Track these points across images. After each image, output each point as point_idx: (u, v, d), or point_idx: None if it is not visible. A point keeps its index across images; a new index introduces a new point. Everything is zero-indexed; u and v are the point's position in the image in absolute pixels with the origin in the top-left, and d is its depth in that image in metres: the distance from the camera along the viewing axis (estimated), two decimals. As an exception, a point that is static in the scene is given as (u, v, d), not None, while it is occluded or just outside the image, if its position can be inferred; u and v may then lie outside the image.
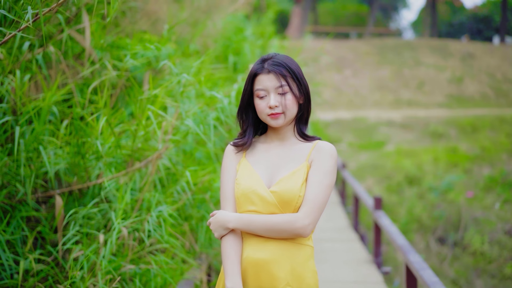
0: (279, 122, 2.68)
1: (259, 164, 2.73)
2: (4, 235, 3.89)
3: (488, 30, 43.23)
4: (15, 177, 4.12)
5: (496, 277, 13.63)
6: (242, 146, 2.77)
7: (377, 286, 6.58)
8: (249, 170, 2.71)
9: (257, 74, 2.71)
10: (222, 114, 4.63)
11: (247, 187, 2.67)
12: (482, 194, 15.98)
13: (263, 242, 2.63)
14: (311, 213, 2.60)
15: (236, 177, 2.74)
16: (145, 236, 4.01)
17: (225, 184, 2.75)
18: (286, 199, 2.61)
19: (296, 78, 2.67)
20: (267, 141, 2.79)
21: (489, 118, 21.08)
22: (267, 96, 2.67)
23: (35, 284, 3.93)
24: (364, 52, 29.73)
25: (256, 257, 2.62)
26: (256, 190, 2.65)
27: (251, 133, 2.79)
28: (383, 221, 6.87)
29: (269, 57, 2.71)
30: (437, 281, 4.39)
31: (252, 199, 2.65)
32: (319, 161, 2.67)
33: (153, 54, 4.94)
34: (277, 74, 2.65)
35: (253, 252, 2.63)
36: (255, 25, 10.38)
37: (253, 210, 2.65)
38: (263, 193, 2.64)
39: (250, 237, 2.65)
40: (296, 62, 2.75)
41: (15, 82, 4.10)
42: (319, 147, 2.71)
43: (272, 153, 2.75)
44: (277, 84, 2.65)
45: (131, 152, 4.38)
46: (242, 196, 2.67)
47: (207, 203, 4.82)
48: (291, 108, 2.67)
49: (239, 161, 2.78)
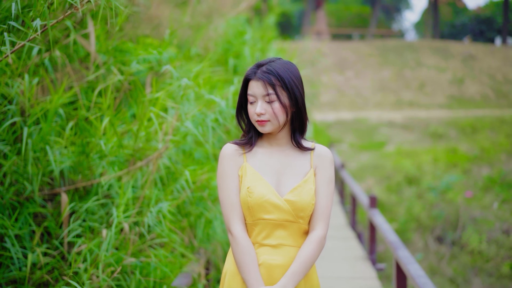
0: (265, 129, 2.68)
1: (264, 171, 2.72)
2: (13, 229, 4.12)
3: (490, 31, 43.24)
4: (23, 175, 4.35)
5: (493, 276, 13.82)
6: (245, 145, 2.77)
7: (371, 281, 6.82)
8: (257, 176, 2.69)
9: (249, 80, 2.71)
10: (220, 116, 4.87)
11: (260, 195, 2.65)
12: (481, 194, 16.15)
13: (277, 248, 2.67)
14: (326, 224, 2.71)
15: (243, 184, 2.70)
16: (145, 230, 4.24)
17: (228, 191, 2.72)
18: (301, 208, 2.65)
19: (286, 87, 2.65)
20: (265, 146, 2.78)
21: (489, 119, 21.23)
22: (255, 102, 2.68)
23: (42, 276, 4.16)
24: (366, 53, 29.89)
25: (272, 263, 2.65)
26: (270, 199, 2.65)
27: (255, 132, 2.79)
28: (377, 219, 7.10)
29: (264, 63, 2.71)
30: (422, 275, 4.61)
31: (267, 207, 2.65)
32: (323, 170, 2.74)
33: (156, 58, 5.17)
34: (264, 83, 2.65)
35: (269, 257, 2.66)
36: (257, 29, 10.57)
37: (268, 219, 2.66)
38: (278, 202, 2.65)
39: (264, 243, 2.67)
40: (295, 69, 2.74)
41: (23, 85, 4.33)
42: (319, 153, 2.77)
43: (274, 159, 2.74)
44: (264, 92, 2.65)
45: (133, 152, 4.61)
46: (256, 205, 2.65)
47: (205, 200, 5.05)
48: (278, 116, 2.65)
49: (240, 165, 2.75)
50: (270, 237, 2.68)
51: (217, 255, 5.47)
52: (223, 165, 2.75)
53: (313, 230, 2.70)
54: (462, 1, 49.59)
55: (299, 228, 2.69)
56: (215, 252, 5.44)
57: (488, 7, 46.46)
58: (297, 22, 44.64)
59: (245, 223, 2.72)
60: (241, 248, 2.65)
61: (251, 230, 2.71)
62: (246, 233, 2.70)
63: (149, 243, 4.42)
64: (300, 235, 2.70)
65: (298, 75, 2.73)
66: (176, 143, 4.82)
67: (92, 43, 5.14)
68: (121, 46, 5.50)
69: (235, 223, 2.69)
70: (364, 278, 6.98)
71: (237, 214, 2.70)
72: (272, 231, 2.68)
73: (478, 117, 21.61)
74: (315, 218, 2.70)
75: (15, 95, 4.38)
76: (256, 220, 2.68)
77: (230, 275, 2.73)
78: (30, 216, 4.41)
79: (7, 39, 3.32)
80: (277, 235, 2.68)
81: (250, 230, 2.71)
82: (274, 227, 2.67)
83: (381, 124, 21.09)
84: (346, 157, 18.02)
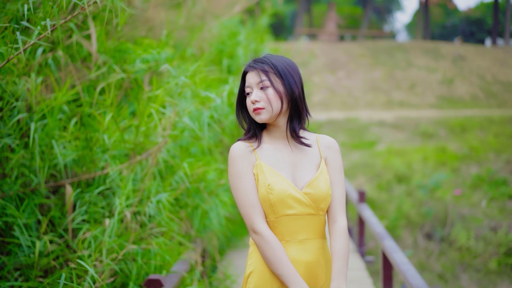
0: (262, 117, 2.69)
1: (278, 166, 2.72)
2: (22, 218, 4.38)
3: (480, 32, 43.59)
4: (29, 168, 4.60)
5: (481, 271, 14.10)
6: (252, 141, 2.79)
7: (360, 272, 7.12)
8: (275, 173, 2.69)
9: (245, 73, 2.77)
10: (216, 112, 5.15)
11: (282, 191, 2.66)
12: (469, 192, 16.39)
13: (304, 244, 2.69)
14: (344, 212, 2.77)
15: (261, 182, 2.69)
16: (146, 218, 4.52)
17: (246, 191, 2.70)
18: (320, 199, 2.68)
19: (280, 75, 2.68)
20: (271, 141, 2.78)
21: (478, 118, 21.48)
22: (251, 93, 2.72)
23: (49, 262, 4.42)
24: (357, 54, 30.16)
25: (302, 260, 2.67)
26: (292, 194, 2.66)
27: (257, 127, 2.81)
28: (365, 212, 7.40)
29: (261, 56, 2.78)
30: (406, 262, 4.90)
31: (289, 203, 2.66)
32: (333, 160, 2.78)
33: (154, 58, 5.44)
34: (257, 70, 2.69)
35: (297, 254, 2.67)
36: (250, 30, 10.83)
37: (291, 214, 2.67)
38: (299, 196, 2.67)
39: (292, 240, 2.68)
40: (292, 62, 2.77)
41: (30, 84, 4.60)
42: (326, 144, 2.82)
43: (284, 154, 2.75)
44: (257, 80, 2.68)
45: (133, 146, 4.89)
46: (278, 201, 2.65)
47: (201, 193, 5.33)
48: (272, 102, 2.67)
49: (253, 164, 2.73)
50: (294, 233, 2.68)
51: (212, 244, 5.75)
52: (236, 165, 2.72)
53: (335, 221, 2.74)
54: (453, 3, 49.90)
55: (319, 220, 2.72)
56: (210, 241, 5.72)
57: (479, 8, 46.76)
58: (290, 23, 44.90)
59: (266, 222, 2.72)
60: (271, 244, 2.64)
61: (273, 228, 2.70)
62: (268, 229, 2.69)
63: (149, 232, 4.69)
64: (321, 226, 2.73)
65: (294, 66, 2.76)
66: (174, 137, 5.09)
67: (94, 43, 5.41)
68: (120, 46, 5.75)
69: (259, 221, 2.67)
70: (353, 269, 7.27)
71: (259, 212, 2.68)
72: (295, 227, 2.68)
73: (467, 116, 21.86)
74: (334, 208, 2.74)
75: (22, 92, 4.64)
76: (280, 217, 2.68)
77: (258, 275, 2.71)
78: (36, 207, 4.66)
79: (20, 37, 3.58)
80: (300, 230, 2.68)
81: (272, 228, 2.70)
82: (296, 222, 2.68)
83: (372, 124, 21.35)
84: (338, 156, 18.20)
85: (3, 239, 4.32)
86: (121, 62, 5.63)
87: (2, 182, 4.40)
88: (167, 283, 4.07)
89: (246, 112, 2.83)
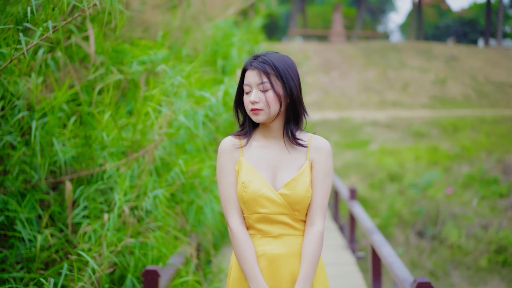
0: (259, 118, 2.69)
1: (259, 164, 2.73)
2: (23, 213, 4.55)
3: (473, 33, 43.80)
4: (30, 165, 4.76)
5: (471, 269, 14.29)
6: (242, 137, 2.80)
7: (351, 267, 7.31)
8: (252, 171, 2.71)
9: (246, 70, 2.74)
10: (210, 111, 5.33)
11: (255, 190, 2.67)
12: (461, 190, 16.54)
13: (278, 238, 2.70)
14: (323, 217, 2.74)
15: (239, 179, 2.72)
16: (143, 213, 4.70)
17: (226, 186, 2.75)
18: (296, 201, 2.67)
19: (281, 77, 2.67)
20: (261, 139, 2.79)
21: (470, 118, 21.62)
22: (251, 92, 2.70)
23: (50, 255, 4.58)
24: (351, 54, 30.33)
25: (274, 253, 2.68)
26: (265, 193, 2.67)
27: (250, 124, 2.81)
28: (356, 209, 7.59)
29: (261, 54, 2.74)
30: (393, 255, 5.09)
31: (262, 202, 2.67)
32: (319, 163, 2.74)
33: (150, 58, 5.62)
34: (259, 71, 2.67)
35: (270, 248, 2.69)
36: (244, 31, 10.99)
37: (264, 213, 2.68)
38: (273, 196, 2.67)
39: (265, 234, 2.70)
40: (292, 61, 2.76)
41: (31, 83, 4.75)
42: (317, 146, 2.76)
43: (269, 153, 2.75)
44: (258, 81, 2.67)
45: (131, 144, 5.06)
46: (251, 199, 2.67)
47: (196, 189, 5.51)
48: (271, 105, 2.67)
49: (236, 160, 2.76)
50: (270, 228, 2.70)
51: (207, 238, 5.93)
52: (220, 160, 2.78)
53: (312, 225, 2.72)
54: (446, 3, 50.11)
55: (294, 218, 2.72)
56: (205, 236, 5.90)
57: (472, 9, 46.94)
58: (284, 23, 45.06)
59: (243, 217, 2.76)
60: (239, 241, 2.70)
61: (248, 223, 2.75)
62: (244, 226, 2.74)
63: (146, 226, 4.87)
64: (296, 224, 2.73)
65: (294, 67, 2.76)
66: (170, 135, 5.27)
67: (92, 45, 5.57)
68: (117, 47, 5.92)
69: (232, 216, 2.73)
70: (345, 264, 7.47)
71: (234, 208, 2.74)
72: (270, 223, 2.70)
73: (459, 116, 22.01)
74: (313, 212, 2.72)
75: (22, 92, 4.79)
76: (252, 214, 2.70)
77: (236, 267, 2.79)
78: (36, 202, 4.81)
79: (23, 38, 3.75)
80: (276, 226, 2.70)
81: (248, 224, 2.75)
82: (270, 219, 2.69)
83: (365, 124, 21.50)
84: (331, 155, 18.34)
85: (5, 232, 4.48)
86: (118, 63, 5.79)
87: (4, 179, 4.55)
88: (164, 274, 4.26)
89: (243, 108, 2.83)
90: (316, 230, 2.70)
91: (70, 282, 4.19)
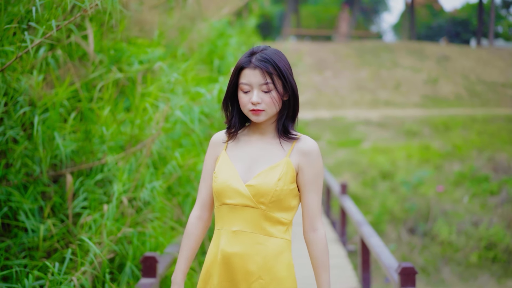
0: (260, 118, 2.64)
1: (239, 158, 2.70)
2: (26, 204, 4.74)
3: (466, 33, 44.00)
4: (32, 158, 4.95)
5: (462, 265, 14.51)
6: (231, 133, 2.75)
7: (342, 259, 7.54)
8: (227, 164, 2.68)
9: (243, 68, 2.64)
10: (206, 107, 5.54)
11: (223, 181, 2.65)
12: (452, 188, 16.75)
13: (237, 236, 2.62)
14: (320, 218, 2.71)
15: (214, 171, 2.73)
16: (141, 203, 4.90)
17: (202, 177, 2.82)
18: (262, 193, 2.59)
19: (282, 76, 2.61)
20: (249, 134, 2.75)
21: (462, 117, 21.81)
22: (250, 91, 2.62)
23: (52, 244, 4.78)
24: (344, 54, 30.52)
25: (230, 251, 2.61)
26: (231, 184, 2.63)
27: (236, 122, 2.74)
28: (347, 203, 7.81)
29: (258, 50, 2.65)
30: (381, 245, 5.31)
31: (228, 193, 2.64)
32: (310, 167, 2.67)
33: (147, 57, 5.82)
34: (263, 71, 2.59)
35: (227, 246, 2.62)
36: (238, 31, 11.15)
37: (230, 203, 2.64)
38: (238, 187, 2.62)
39: (225, 231, 2.65)
40: (285, 57, 2.70)
41: (33, 80, 4.94)
42: (305, 150, 2.68)
43: (253, 148, 2.71)
44: (261, 81, 2.59)
45: (129, 138, 5.27)
46: (219, 190, 2.66)
47: (192, 182, 5.72)
48: (274, 106, 2.62)
49: (218, 154, 2.76)
50: (229, 223, 2.64)
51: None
52: (206, 152, 2.83)
53: (315, 230, 2.68)
54: (439, 3, 50.25)
55: (260, 214, 2.63)
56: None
57: (465, 9, 47.09)
58: (278, 23, 45.23)
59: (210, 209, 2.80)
60: (186, 231, 2.79)
61: (216, 215, 2.74)
62: (200, 220, 2.78)
63: (144, 217, 5.07)
64: (262, 221, 2.63)
65: (288, 62, 2.70)
66: (167, 130, 5.47)
67: (91, 43, 5.76)
68: (115, 46, 6.11)
69: (195, 207, 2.82)
70: (336, 256, 7.69)
71: (199, 200, 2.80)
72: (234, 216, 2.64)
73: (451, 115, 22.20)
74: (312, 217, 2.68)
75: (24, 89, 4.98)
76: (221, 205, 2.67)
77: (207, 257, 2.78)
78: (38, 194, 5.00)
79: (28, 37, 3.95)
80: (235, 221, 2.64)
81: (218, 216, 2.71)
82: (234, 212, 2.64)
83: (358, 122, 21.69)
84: (324, 154, 18.53)
85: (9, 222, 4.67)
86: (116, 61, 5.97)
87: (7, 172, 4.73)
88: (161, 262, 4.47)
89: (233, 103, 2.74)
90: (320, 235, 2.67)
91: (72, 270, 4.39)
